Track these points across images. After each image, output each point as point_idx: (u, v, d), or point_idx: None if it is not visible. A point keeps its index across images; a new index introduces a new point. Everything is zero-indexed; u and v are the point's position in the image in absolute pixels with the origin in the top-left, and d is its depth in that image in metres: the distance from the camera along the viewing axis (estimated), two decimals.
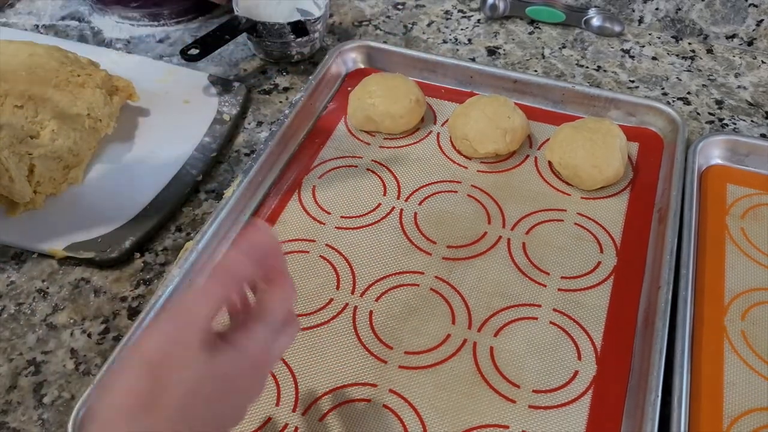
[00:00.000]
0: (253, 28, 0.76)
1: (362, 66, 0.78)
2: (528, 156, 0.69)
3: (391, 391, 0.51)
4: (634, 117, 0.71)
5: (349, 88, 0.73)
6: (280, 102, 0.76)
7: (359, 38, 0.84)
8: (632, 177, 0.67)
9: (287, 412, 0.50)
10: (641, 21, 0.86)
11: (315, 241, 0.61)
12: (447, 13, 0.89)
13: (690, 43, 0.85)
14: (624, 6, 0.86)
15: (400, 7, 0.90)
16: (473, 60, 0.81)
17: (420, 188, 0.66)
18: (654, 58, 0.82)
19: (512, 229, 0.62)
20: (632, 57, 0.83)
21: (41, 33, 0.84)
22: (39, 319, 0.56)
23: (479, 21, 0.88)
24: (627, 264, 0.59)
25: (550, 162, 0.67)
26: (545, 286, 0.58)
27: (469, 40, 0.85)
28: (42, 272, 0.59)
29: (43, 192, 0.62)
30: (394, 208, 0.64)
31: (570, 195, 0.65)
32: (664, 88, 0.78)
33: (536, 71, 0.80)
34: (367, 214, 0.63)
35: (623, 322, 0.55)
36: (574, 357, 0.53)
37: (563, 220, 0.63)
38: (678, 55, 0.83)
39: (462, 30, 0.87)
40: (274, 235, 0.38)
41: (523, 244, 0.61)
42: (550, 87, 0.73)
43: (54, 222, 0.61)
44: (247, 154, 0.70)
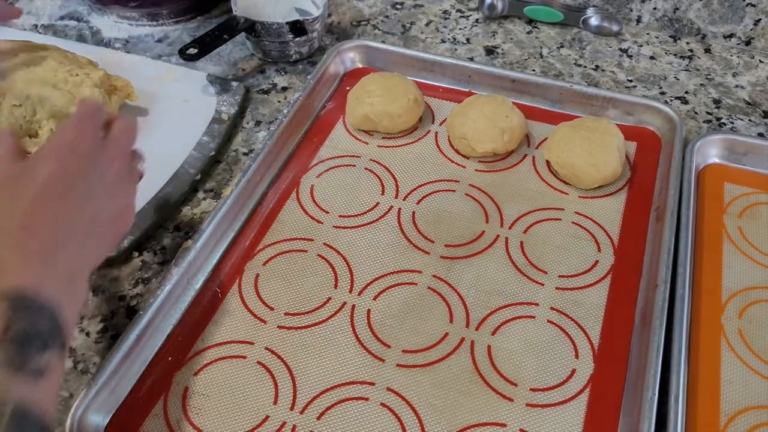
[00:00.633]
0: (251, 27, 0.76)
1: (360, 65, 0.79)
2: (526, 155, 0.69)
3: (388, 389, 0.51)
4: (632, 116, 0.71)
5: (348, 88, 0.73)
6: (279, 101, 0.76)
7: (358, 38, 0.84)
8: (630, 176, 0.67)
9: (285, 410, 0.50)
10: (639, 20, 0.86)
11: (313, 240, 0.61)
12: (445, 12, 0.90)
13: (688, 43, 0.85)
14: (622, 5, 0.86)
15: (398, 6, 0.90)
16: (471, 59, 0.81)
17: (418, 187, 0.66)
18: (652, 58, 0.83)
19: (510, 228, 0.62)
20: (630, 56, 0.83)
21: (40, 33, 0.84)
22: None
23: (477, 21, 0.88)
24: (624, 262, 0.59)
25: (548, 161, 0.67)
26: (543, 284, 0.58)
27: (468, 40, 0.85)
28: None
29: None
30: (392, 207, 0.64)
31: (568, 194, 0.65)
32: (661, 88, 0.78)
33: (534, 71, 0.80)
34: (365, 213, 0.63)
35: (620, 321, 0.55)
36: (571, 355, 0.53)
37: (561, 219, 0.63)
38: (676, 55, 0.83)
39: (460, 29, 0.87)
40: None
41: (521, 243, 0.61)
42: (548, 86, 0.73)
43: None
44: (245, 154, 0.70)
